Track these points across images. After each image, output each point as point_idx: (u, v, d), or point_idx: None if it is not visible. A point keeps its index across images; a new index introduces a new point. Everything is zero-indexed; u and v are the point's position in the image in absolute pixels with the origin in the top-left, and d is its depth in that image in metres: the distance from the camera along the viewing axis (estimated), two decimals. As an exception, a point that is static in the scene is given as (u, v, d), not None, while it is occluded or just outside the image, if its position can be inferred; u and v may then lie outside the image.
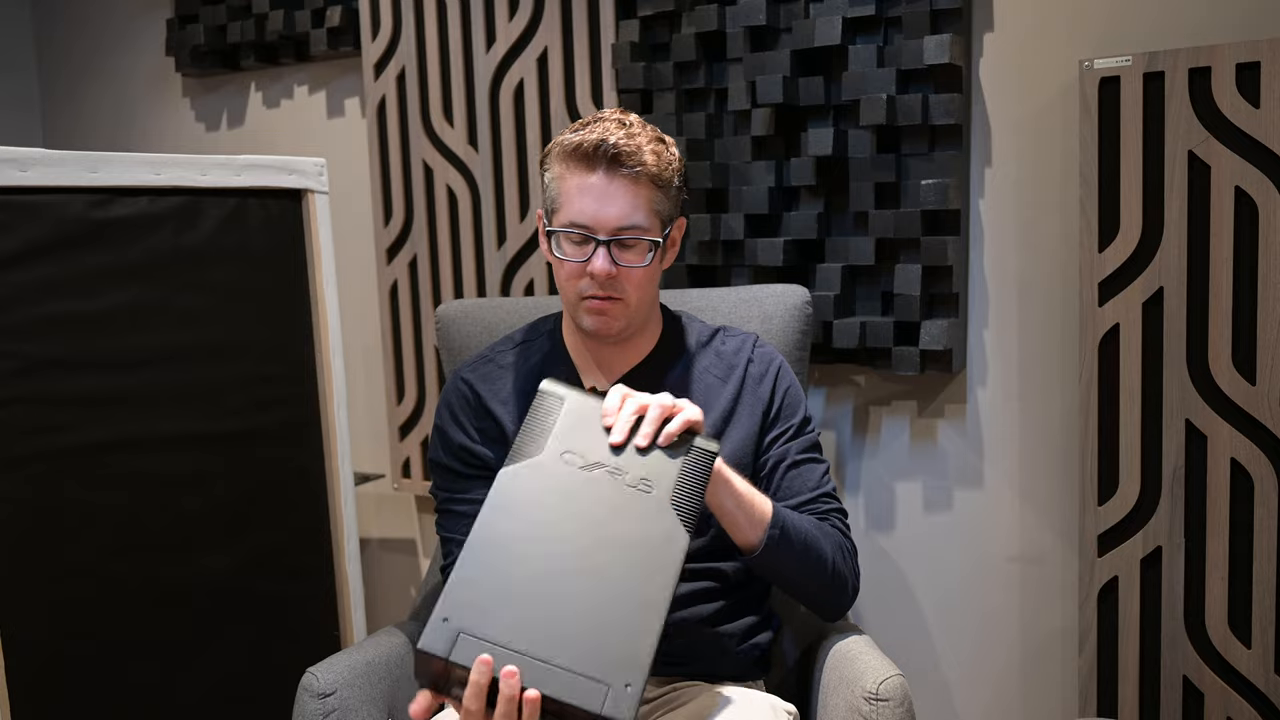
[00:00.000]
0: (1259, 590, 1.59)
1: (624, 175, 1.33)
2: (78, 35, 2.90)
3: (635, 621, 1.10)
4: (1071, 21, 1.74)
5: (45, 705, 1.60)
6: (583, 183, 1.33)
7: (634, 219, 1.34)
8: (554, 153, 1.37)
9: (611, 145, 1.32)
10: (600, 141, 1.32)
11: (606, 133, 1.33)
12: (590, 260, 1.34)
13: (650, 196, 1.35)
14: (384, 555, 2.53)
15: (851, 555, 1.42)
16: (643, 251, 1.36)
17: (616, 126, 1.34)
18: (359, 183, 2.45)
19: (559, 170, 1.36)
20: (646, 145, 1.34)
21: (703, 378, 1.45)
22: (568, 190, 1.34)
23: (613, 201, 1.33)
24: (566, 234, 1.35)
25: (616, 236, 1.33)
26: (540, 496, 1.15)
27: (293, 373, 1.90)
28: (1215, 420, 1.60)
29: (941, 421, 1.92)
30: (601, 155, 1.32)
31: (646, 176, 1.34)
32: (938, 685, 1.98)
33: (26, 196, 1.58)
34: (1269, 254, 1.55)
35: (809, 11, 1.87)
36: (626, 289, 1.36)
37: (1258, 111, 1.53)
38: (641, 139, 1.34)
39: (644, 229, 1.35)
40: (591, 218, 1.33)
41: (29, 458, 1.58)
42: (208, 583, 1.78)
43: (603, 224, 1.33)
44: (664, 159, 1.36)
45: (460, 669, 1.05)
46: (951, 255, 1.79)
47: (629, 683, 1.06)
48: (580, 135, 1.34)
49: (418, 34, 2.24)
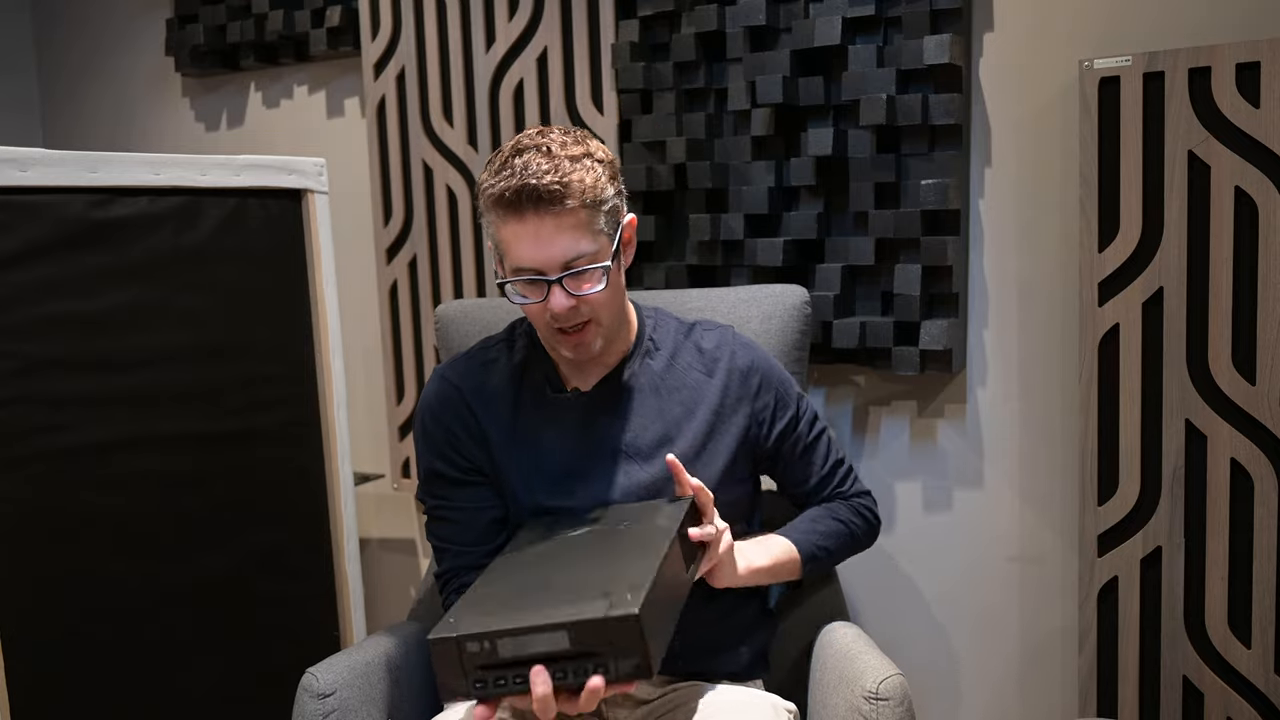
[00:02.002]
0: (1259, 590, 1.59)
1: (554, 213, 1.26)
2: (78, 35, 2.90)
3: (634, 560, 1.14)
4: (1071, 21, 1.74)
5: (45, 705, 1.60)
6: (517, 230, 1.28)
7: (579, 249, 1.28)
8: (482, 199, 1.31)
9: (532, 189, 1.25)
10: (521, 186, 1.25)
11: (525, 171, 1.26)
12: (548, 299, 1.30)
13: (588, 220, 1.29)
14: (384, 555, 2.53)
15: (868, 510, 1.54)
16: (597, 277, 1.31)
17: (535, 156, 1.27)
18: (359, 183, 2.45)
19: (492, 218, 1.31)
20: (571, 171, 1.27)
21: (687, 373, 1.45)
22: (505, 239, 1.30)
23: (551, 243, 1.27)
24: (518, 282, 1.32)
25: (565, 273, 1.29)
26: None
27: (293, 373, 1.90)
28: (1215, 420, 1.60)
29: (941, 421, 1.92)
30: (526, 199, 1.26)
31: (577, 205, 1.27)
32: (938, 685, 1.98)
33: (26, 196, 1.58)
34: (1269, 254, 1.55)
35: (809, 11, 1.87)
36: (594, 312, 1.33)
37: (1258, 111, 1.53)
38: (564, 163, 1.27)
39: (592, 255, 1.30)
40: (536, 262, 1.28)
41: (29, 458, 1.58)
42: (208, 583, 1.78)
43: (549, 265, 1.28)
44: (591, 177, 1.29)
45: (471, 644, 1.06)
46: (951, 255, 1.79)
47: (631, 590, 1.08)
48: (501, 181, 1.27)
49: (417, 34, 2.24)
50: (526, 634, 1.06)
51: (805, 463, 1.49)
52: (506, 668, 1.08)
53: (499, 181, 1.27)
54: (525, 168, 1.26)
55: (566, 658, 1.06)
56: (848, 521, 1.51)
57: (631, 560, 1.15)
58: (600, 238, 1.31)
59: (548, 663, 1.06)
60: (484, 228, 1.38)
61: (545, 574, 1.17)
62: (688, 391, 1.43)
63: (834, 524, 1.49)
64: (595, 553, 1.20)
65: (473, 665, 1.07)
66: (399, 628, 1.62)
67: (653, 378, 1.43)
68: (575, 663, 1.06)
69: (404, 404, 2.35)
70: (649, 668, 1.06)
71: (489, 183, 1.29)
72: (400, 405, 2.35)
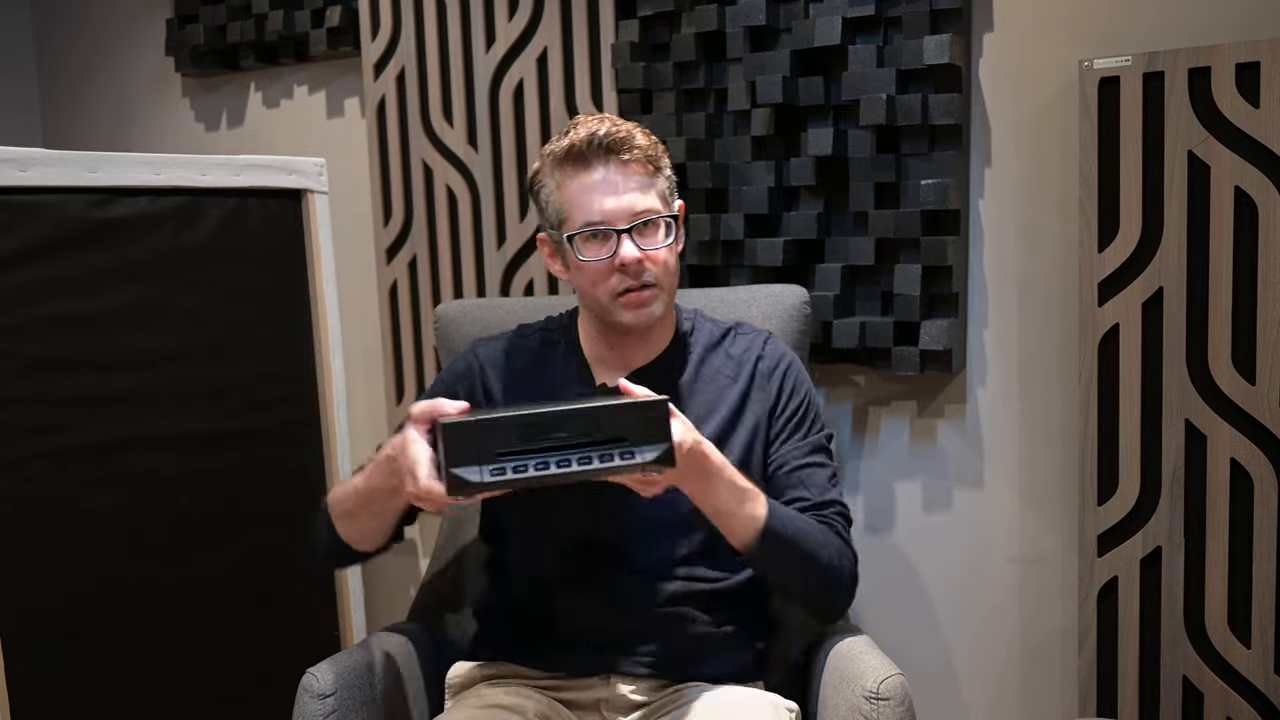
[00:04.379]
0: (1259, 590, 1.59)
1: (622, 162, 1.34)
2: (78, 35, 2.89)
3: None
4: (1071, 21, 1.74)
5: (45, 705, 1.61)
6: (585, 182, 1.34)
7: (646, 202, 1.34)
8: (544, 167, 1.37)
9: (603, 136, 1.33)
10: (590, 136, 1.33)
11: (592, 128, 1.34)
12: (616, 253, 1.33)
13: (651, 178, 1.36)
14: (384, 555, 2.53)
15: (850, 560, 1.39)
16: (665, 231, 1.37)
17: (597, 122, 1.35)
18: (359, 183, 2.45)
19: (556, 180, 1.36)
20: (633, 129, 1.36)
21: (714, 379, 1.45)
22: (572, 194, 1.34)
23: (622, 190, 1.33)
24: (585, 236, 1.34)
25: (635, 222, 1.33)
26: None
27: (293, 373, 1.90)
28: (1215, 420, 1.60)
29: (941, 421, 1.92)
30: (596, 149, 1.33)
31: (644, 158, 1.35)
32: (938, 685, 1.98)
33: (26, 196, 1.58)
34: (1269, 254, 1.55)
35: (809, 11, 1.87)
36: (657, 274, 1.36)
37: (1258, 111, 1.53)
38: (623, 125, 1.36)
39: (657, 209, 1.36)
40: (606, 212, 1.33)
41: (29, 458, 1.59)
42: (208, 583, 1.78)
43: (619, 214, 1.33)
44: (652, 141, 1.38)
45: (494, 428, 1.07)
46: (951, 255, 1.79)
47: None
48: (569, 138, 1.35)
49: (417, 34, 2.24)
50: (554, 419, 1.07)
51: (793, 485, 1.40)
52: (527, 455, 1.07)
53: (564, 141, 1.35)
54: (589, 127, 1.34)
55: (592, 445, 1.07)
56: (827, 542, 1.36)
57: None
58: (663, 201, 1.37)
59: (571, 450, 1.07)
60: (543, 205, 1.39)
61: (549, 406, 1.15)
62: (711, 395, 1.43)
63: (810, 529, 1.35)
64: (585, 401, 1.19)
65: (491, 451, 1.06)
66: (399, 628, 1.62)
67: (680, 382, 1.43)
68: (601, 449, 1.07)
69: (404, 404, 2.35)
70: (674, 457, 1.09)
71: (554, 147, 1.36)
72: (400, 405, 2.35)
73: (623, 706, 1.38)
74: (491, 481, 1.07)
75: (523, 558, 1.46)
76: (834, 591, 1.38)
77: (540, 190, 1.38)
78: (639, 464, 1.09)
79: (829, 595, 1.39)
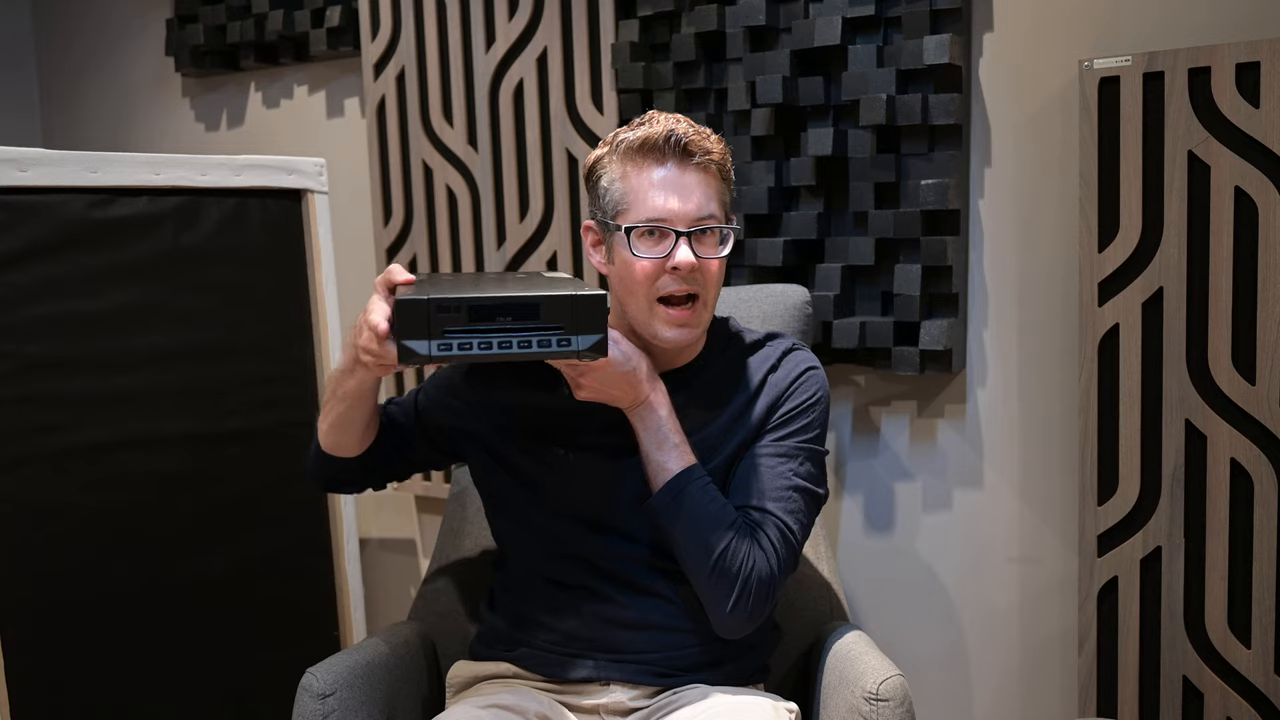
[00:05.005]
0: (1259, 590, 1.59)
1: (696, 165, 1.31)
2: (78, 35, 2.90)
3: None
4: (1071, 21, 1.74)
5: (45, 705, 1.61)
6: (654, 177, 1.31)
7: (710, 209, 1.32)
8: (610, 155, 1.34)
9: (680, 135, 1.30)
10: (669, 133, 1.30)
11: (670, 125, 1.31)
12: (671, 254, 1.30)
13: (719, 187, 1.34)
14: (384, 555, 2.53)
15: (761, 576, 1.30)
16: (723, 240, 1.34)
17: (674, 121, 1.33)
18: (359, 183, 2.45)
19: (622, 170, 1.33)
20: (710, 135, 1.34)
21: (726, 388, 1.41)
22: (637, 187, 1.31)
23: (689, 192, 1.31)
24: (642, 231, 1.31)
25: (696, 228, 1.31)
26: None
27: (293, 373, 1.90)
28: (1215, 420, 1.60)
29: (941, 421, 1.92)
30: (672, 147, 1.30)
31: (715, 166, 1.33)
32: (938, 685, 1.98)
33: (26, 196, 1.58)
34: (1269, 254, 1.55)
35: (809, 11, 1.87)
36: (706, 286, 1.34)
37: (1258, 111, 1.53)
38: (702, 130, 1.34)
39: (719, 219, 1.33)
40: (669, 211, 1.30)
41: (29, 458, 1.59)
42: (208, 583, 1.78)
43: (681, 216, 1.30)
44: (724, 149, 1.36)
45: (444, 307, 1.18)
46: (951, 255, 1.79)
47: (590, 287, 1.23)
48: (644, 130, 1.32)
49: (417, 34, 2.24)
50: (500, 303, 1.18)
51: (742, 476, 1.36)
52: (472, 333, 1.18)
53: (641, 130, 1.32)
54: (666, 124, 1.31)
55: (532, 330, 1.18)
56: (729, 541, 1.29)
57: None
58: (724, 211, 1.35)
59: (513, 333, 1.18)
60: (601, 192, 1.36)
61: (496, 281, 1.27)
62: (719, 403, 1.40)
63: (723, 518, 1.31)
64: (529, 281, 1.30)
65: (439, 328, 1.18)
66: (399, 628, 1.62)
67: (698, 385, 1.41)
68: (541, 334, 1.19)
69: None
70: (605, 348, 1.21)
71: (628, 136, 1.32)
72: (400, 405, 2.35)
73: (621, 710, 1.38)
74: (438, 355, 1.19)
75: (520, 566, 1.46)
76: (723, 596, 1.30)
77: (601, 177, 1.35)
78: (574, 351, 1.20)
79: (717, 597, 1.30)
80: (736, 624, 1.32)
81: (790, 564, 1.35)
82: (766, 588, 1.31)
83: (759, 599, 1.31)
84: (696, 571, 1.32)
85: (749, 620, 1.32)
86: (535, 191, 2.15)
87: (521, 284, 1.28)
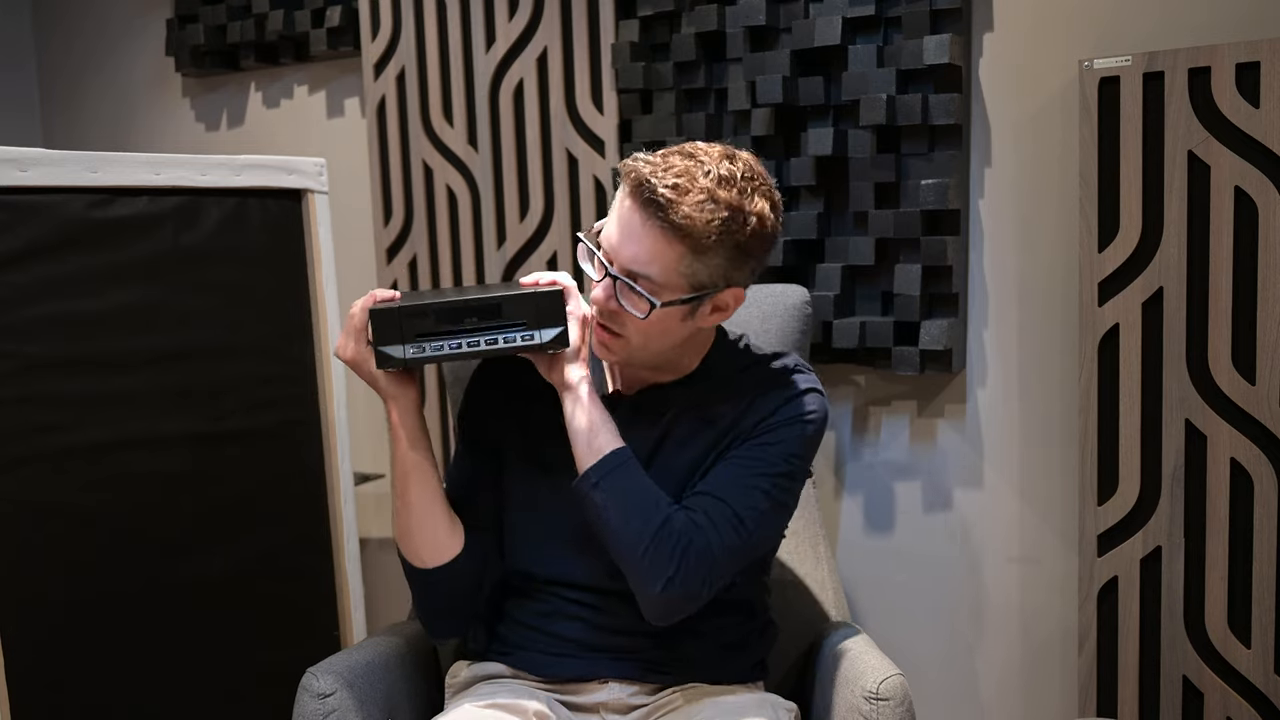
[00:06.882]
0: (1259, 590, 1.59)
1: (654, 221, 1.21)
2: (78, 35, 2.89)
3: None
4: (1071, 21, 1.74)
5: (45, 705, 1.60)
6: (621, 208, 1.26)
7: (645, 269, 1.23)
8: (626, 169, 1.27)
9: (650, 189, 1.21)
10: (644, 181, 1.21)
11: (663, 170, 1.22)
12: (599, 283, 1.28)
13: (678, 256, 1.22)
14: (384, 555, 2.53)
15: (688, 562, 1.24)
16: (640, 305, 1.24)
17: (688, 165, 1.23)
18: (359, 183, 2.45)
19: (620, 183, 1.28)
20: (700, 204, 1.20)
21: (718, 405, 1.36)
22: (613, 207, 1.29)
23: (632, 241, 1.24)
24: (586, 250, 1.30)
25: (624, 275, 1.25)
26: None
27: (293, 373, 1.90)
28: (1215, 420, 1.60)
29: (941, 421, 1.92)
30: (639, 191, 1.22)
31: (677, 233, 1.21)
32: (938, 685, 1.98)
33: (26, 196, 1.58)
34: (1269, 254, 1.55)
35: (809, 11, 1.87)
36: (626, 330, 1.29)
37: (1258, 111, 1.53)
38: (700, 194, 1.21)
39: (654, 283, 1.24)
40: (610, 244, 1.27)
41: (29, 458, 1.58)
42: (208, 583, 1.78)
43: (614, 256, 1.26)
44: (714, 225, 1.21)
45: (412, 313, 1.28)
46: (951, 255, 1.79)
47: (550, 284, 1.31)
48: (643, 165, 1.24)
49: (418, 34, 2.24)
50: (464, 306, 1.27)
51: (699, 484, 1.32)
52: (442, 336, 1.27)
53: (642, 162, 1.25)
54: (669, 168, 1.23)
55: (497, 328, 1.27)
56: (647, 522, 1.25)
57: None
58: (677, 278, 1.24)
59: (479, 333, 1.27)
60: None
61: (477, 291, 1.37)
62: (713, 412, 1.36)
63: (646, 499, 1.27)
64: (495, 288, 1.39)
65: (411, 333, 1.27)
66: (399, 628, 1.62)
67: (691, 402, 1.38)
68: (505, 331, 1.27)
69: (404, 404, 2.34)
70: (568, 339, 1.28)
71: (639, 156, 1.26)
72: (400, 405, 2.35)
73: (622, 708, 1.38)
74: (412, 358, 1.28)
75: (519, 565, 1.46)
76: (657, 574, 1.24)
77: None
78: (538, 344, 1.28)
79: (651, 575, 1.25)
80: (666, 604, 1.26)
81: (734, 552, 1.27)
82: (705, 568, 1.25)
83: (694, 578, 1.24)
84: (631, 547, 1.26)
85: (681, 599, 1.25)
86: (535, 191, 2.15)
87: (493, 289, 1.35)
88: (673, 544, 1.25)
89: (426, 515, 1.39)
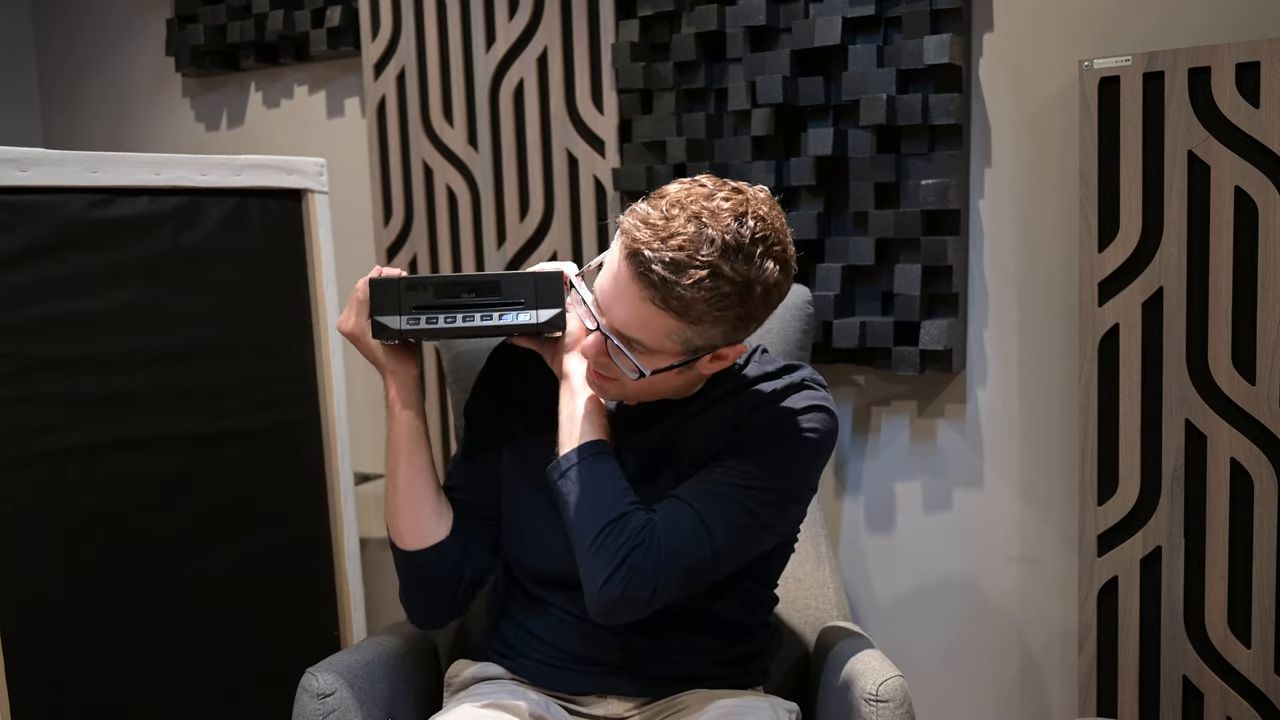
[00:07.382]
0: (1259, 590, 1.59)
1: (648, 294, 1.15)
2: (78, 35, 2.89)
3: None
4: (1071, 21, 1.74)
5: (45, 705, 1.60)
6: (617, 266, 1.18)
7: (636, 333, 1.18)
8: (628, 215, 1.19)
9: (645, 262, 1.13)
10: (641, 250, 1.14)
11: (662, 241, 1.13)
12: (591, 331, 1.23)
13: (670, 326, 1.17)
14: (384, 555, 2.53)
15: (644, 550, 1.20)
16: (628, 368, 1.21)
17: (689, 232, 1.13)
18: (359, 183, 2.45)
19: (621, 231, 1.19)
20: (693, 279, 1.12)
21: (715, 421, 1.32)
22: (609, 258, 1.20)
23: (624, 307, 1.18)
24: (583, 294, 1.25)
25: (615, 335, 1.20)
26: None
27: (293, 373, 1.90)
28: (1215, 420, 1.60)
29: (941, 421, 1.92)
30: (635, 261, 1.14)
31: (669, 310, 1.15)
32: (937, 686, 1.98)
33: (26, 196, 1.58)
34: (1269, 254, 1.55)
35: (809, 11, 1.87)
36: (621, 376, 1.24)
37: (1258, 111, 1.53)
38: (699, 270, 1.12)
39: (644, 348, 1.19)
40: (603, 297, 1.20)
41: (29, 458, 1.58)
42: (208, 583, 1.78)
43: (606, 310, 1.20)
44: (712, 307, 1.15)
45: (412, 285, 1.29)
46: (951, 255, 1.79)
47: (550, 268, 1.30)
48: (641, 225, 1.15)
49: (418, 34, 2.24)
50: (465, 281, 1.28)
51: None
52: (438, 309, 1.28)
53: (642, 226, 1.15)
54: (670, 237, 1.13)
55: (494, 305, 1.27)
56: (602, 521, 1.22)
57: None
58: (668, 343, 1.19)
59: (476, 309, 1.28)
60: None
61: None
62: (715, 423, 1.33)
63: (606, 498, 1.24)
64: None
65: (409, 305, 1.28)
66: (399, 628, 1.62)
67: (697, 411, 1.35)
68: (503, 309, 1.27)
69: (404, 404, 2.34)
70: (564, 322, 1.28)
71: (644, 213, 1.16)
72: (400, 405, 2.35)
73: (621, 709, 1.38)
74: (407, 329, 1.29)
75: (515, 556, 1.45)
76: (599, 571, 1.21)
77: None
78: (533, 324, 1.28)
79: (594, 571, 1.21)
80: (605, 603, 1.21)
81: (691, 560, 1.22)
82: (652, 571, 1.20)
83: (638, 580, 1.19)
84: (580, 539, 1.23)
85: (620, 600, 1.20)
86: (535, 191, 2.15)
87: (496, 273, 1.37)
88: (621, 541, 1.20)
89: (412, 495, 1.39)
